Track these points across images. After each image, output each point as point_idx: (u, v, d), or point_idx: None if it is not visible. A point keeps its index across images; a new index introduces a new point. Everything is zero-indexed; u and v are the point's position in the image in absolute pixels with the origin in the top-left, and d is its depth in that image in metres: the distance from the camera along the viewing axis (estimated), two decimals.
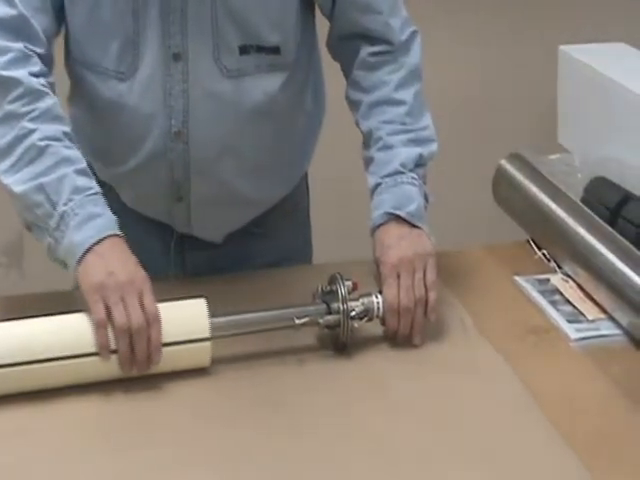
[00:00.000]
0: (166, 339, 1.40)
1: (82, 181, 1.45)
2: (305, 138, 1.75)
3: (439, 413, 1.37)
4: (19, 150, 1.45)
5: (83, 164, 1.47)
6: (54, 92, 1.51)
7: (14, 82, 1.47)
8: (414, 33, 1.66)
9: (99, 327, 1.38)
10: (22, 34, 1.49)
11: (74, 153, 1.47)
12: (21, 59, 1.48)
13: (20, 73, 1.47)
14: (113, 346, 1.38)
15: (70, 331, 1.40)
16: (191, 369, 1.44)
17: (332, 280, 1.51)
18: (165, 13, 1.52)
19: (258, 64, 1.56)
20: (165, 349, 1.40)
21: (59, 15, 1.55)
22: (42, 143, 1.44)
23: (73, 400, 1.39)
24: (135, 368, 1.39)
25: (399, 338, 1.51)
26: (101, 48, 1.55)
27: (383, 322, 1.52)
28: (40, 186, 1.43)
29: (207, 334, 1.42)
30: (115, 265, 1.40)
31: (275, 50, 1.56)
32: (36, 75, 1.49)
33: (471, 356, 1.50)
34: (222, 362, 1.46)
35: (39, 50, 1.51)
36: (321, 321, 1.48)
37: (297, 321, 1.47)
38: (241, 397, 1.40)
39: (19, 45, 1.49)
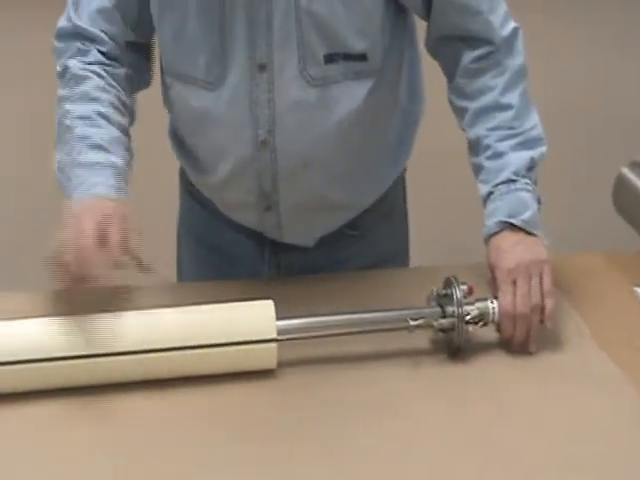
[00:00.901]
0: (231, 339, 1.41)
1: (89, 155, 1.48)
2: (400, 138, 1.73)
3: (552, 422, 1.35)
4: (60, 131, 1.55)
5: (97, 139, 1.50)
6: (117, 80, 1.59)
7: (65, 70, 1.59)
8: (516, 30, 1.62)
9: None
10: (80, 37, 1.59)
11: (94, 130, 1.52)
12: (77, 52, 1.59)
13: (71, 62, 1.59)
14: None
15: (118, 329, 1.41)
16: (258, 370, 1.43)
17: (447, 283, 1.50)
18: (251, 25, 1.53)
19: (344, 72, 1.55)
20: (230, 349, 1.41)
21: (139, 26, 1.61)
22: (71, 123, 1.53)
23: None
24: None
25: (514, 345, 1.49)
26: (189, 60, 1.57)
27: (498, 328, 1.50)
28: (61, 167, 1.51)
29: (273, 335, 1.42)
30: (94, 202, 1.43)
31: (361, 57, 1.55)
32: (90, 63, 1.58)
33: (587, 366, 1.47)
34: (330, 362, 1.46)
35: (100, 47, 1.59)
36: (435, 324, 1.47)
37: (411, 323, 1.46)
38: (354, 398, 1.40)
39: (76, 44, 1.60)
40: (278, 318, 1.43)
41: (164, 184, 1.95)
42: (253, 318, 1.43)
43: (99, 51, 1.60)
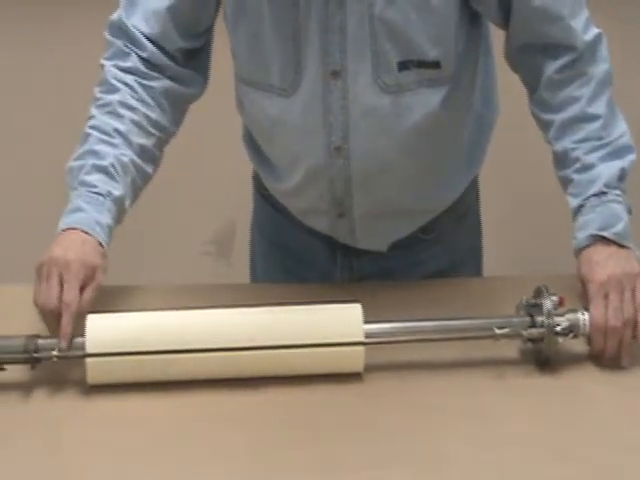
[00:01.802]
0: (318, 340, 1.39)
1: (93, 177, 1.50)
2: (474, 143, 1.71)
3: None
4: (84, 131, 1.56)
5: (106, 162, 1.51)
6: (151, 94, 1.57)
7: (104, 71, 1.59)
8: (599, 35, 1.57)
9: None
10: (125, 35, 1.59)
11: (106, 149, 1.52)
12: (117, 53, 1.59)
13: (108, 64, 1.59)
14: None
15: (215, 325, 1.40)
16: (344, 373, 1.41)
17: (537, 293, 1.46)
18: (325, 32, 1.52)
19: (418, 79, 1.54)
20: (317, 350, 1.38)
21: (188, 32, 1.60)
22: (89, 130, 1.54)
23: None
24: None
25: (605, 359, 1.45)
26: (264, 67, 1.56)
27: (588, 341, 1.46)
28: (70, 169, 1.53)
29: (361, 338, 1.40)
30: (69, 246, 1.43)
31: (435, 65, 1.53)
32: (124, 70, 1.57)
33: None
34: (416, 367, 1.43)
35: (141, 53, 1.58)
36: (524, 333, 1.43)
37: (498, 331, 1.43)
38: (440, 404, 1.37)
39: (120, 42, 1.59)
40: (369, 321, 1.41)
41: (239, 186, 1.94)
42: (341, 320, 1.41)
43: (139, 57, 1.58)
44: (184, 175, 2.54)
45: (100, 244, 1.46)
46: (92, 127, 1.54)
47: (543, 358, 1.44)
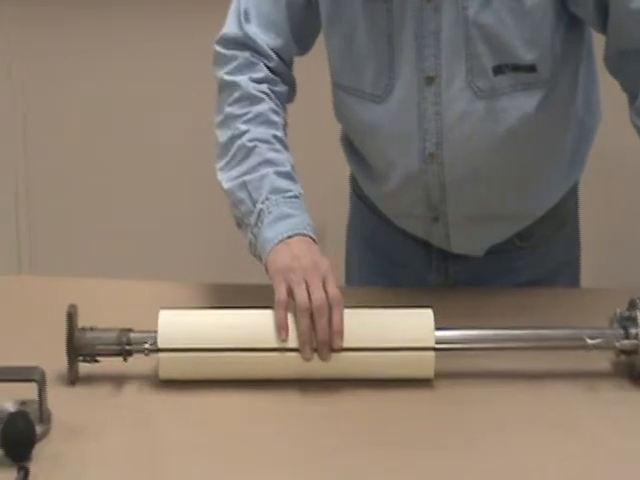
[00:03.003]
0: (388, 344, 1.38)
1: (281, 183, 1.50)
2: (574, 149, 1.68)
3: None
4: (232, 150, 1.54)
5: (286, 167, 1.52)
6: (280, 100, 1.60)
7: (235, 86, 1.57)
8: None
9: (279, 306, 1.38)
10: (249, 47, 1.59)
11: (279, 156, 1.53)
12: (245, 66, 1.59)
13: (241, 78, 1.58)
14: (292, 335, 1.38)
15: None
16: (414, 379, 1.40)
17: (632, 305, 1.43)
18: (419, 37, 1.51)
19: (513, 83, 1.52)
20: (386, 354, 1.38)
21: (301, 40, 1.62)
22: (251, 144, 1.53)
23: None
24: (316, 352, 1.37)
25: None
26: (358, 72, 1.57)
27: None
28: (244, 184, 1.51)
29: (431, 344, 1.39)
30: (300, 252, 1.42)
31: (531, 68, 1.52)
32: (258, 81, 1.57)
33: None
34: (497, 376, 1.42)
35: (267, 63, 1.59)
36: (617, 345, 1.40)
37: (589, 341, 1.40)
38: (521, 415, 1.35)
39: (245, 54, 1.59)
40: (440, 328, 1.40)
41: (331, 188, 1.95)
42: (412, 325, 1.41)
43: (266, 66, 1.60)
44: None
45: (315, 242, 1.47)
46: (253, 140, 1.54)
47: (636, 371, 1.41)
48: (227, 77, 1.59)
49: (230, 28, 1.61)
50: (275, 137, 1.55)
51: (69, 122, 2.80)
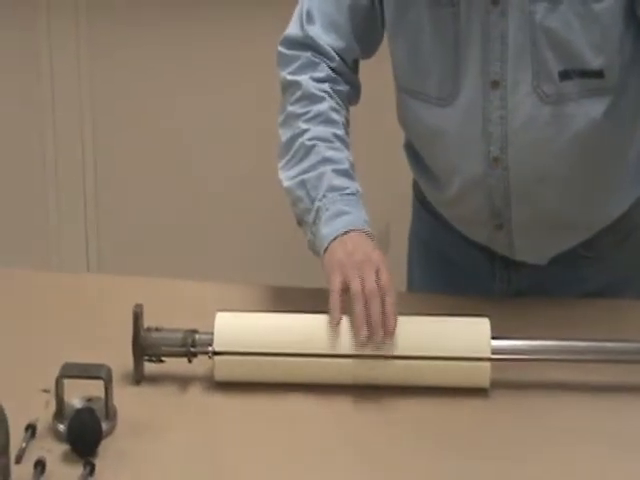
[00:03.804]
0: (443, 353, 1.39)
1: (339, 180, 1.52)
2: None
3: None
4: (293, 149, 1.56)
5: (344, 165, 1.54)
6: (342, 98, 1.61)
7: (296, 85, 1.59)
8: None
9: (333, 293, 1.40)
10: (310, 47, 1.60)
11: (338, 154, 1.54)
12: (307, 65, 1.60)
13: (302, 78, 1.59)
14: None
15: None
16: (470, 387, 1.40)
17: None
18: (485, 41, 1.51)
19: (579, 89, 1.51)
20: (442, 363, 1.38)
21: (364, 42, 1.63)
22: (310, 143, 1.55)
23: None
24: (370, 335, 1.37)
25: None
26: (422, 76, 1.57)
27: None
28: (302, 182, 1.53)
29: (487, 354, 1.39)
30: (355, 248, 1.45)
31: (598, 74, 1.51)
32: (320, 80, 1.59)
33: None
34: (557, 388, 1.41)
35: (329, 63, 1.60)
36: None
37: None
38: (581, 427, 1.35)
39: (307, 54, 1.61)
40: (497, 337, 1.40)
41: (394, 195, 1.95)
42: (468, 335, 1.41)
43: (328, 66, 1.61)
44: None
45: (371, 237, 1.49)
46: (312, 139, 1.55)
47: None
48: (289, 77, 1.61)
49: (292, 29, 1.63)
50: (335, 135, 1.57)
51: (137, 122, 2.83)
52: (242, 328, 1.42)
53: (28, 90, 2.83)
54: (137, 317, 1.40)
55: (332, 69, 1.61)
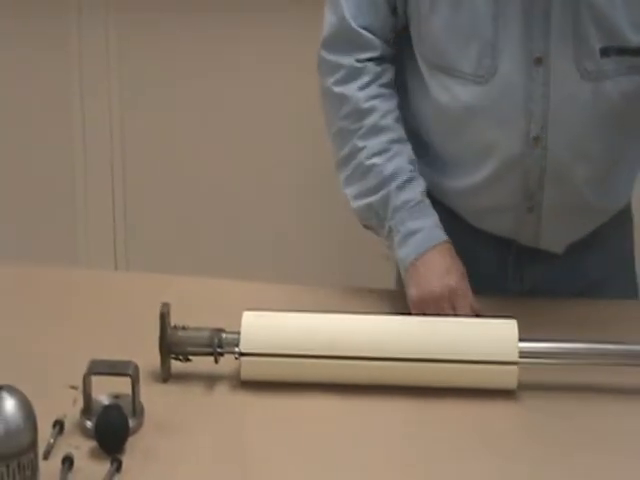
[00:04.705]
0: (471, 357, 1.39)
1: (403, 196, 1.57)
2: None
3: None
4: (351, 166, 1.60)
5: (404, 175, 1.57)
6: (389, 87, 1.61)
7: (344, 99, 1.60)
8: None
9: None
10: (352, 45, 1.59)
11: (396, 164, 1.58)
12: (351, 75, 1.60)
13: (349, 89, 1.59)
14: None
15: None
16: (496, 389, 1.40)
17: None
18: (527, 16, 1.50)
19: (617, 66, 1.51)
20: (469, 366, 1.39)
21: (399, 14, 1.59)
22: (369, 162, 1.58)
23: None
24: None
25: None
26: (459, 51, 1.55)
27: None
28: (369, 206, 1.59)
29: (515, 358, 1.38)
30: (430, 280, 1.52)
31: (637, 52, 1.51)
32: (366, 86, 1.59)
33: None
34: (582, 390, 1.41)
35: (372, 54, 1.59)
36: None
37: None
38: (608, 429, 1.35)
39: (349, 60, 1.60)
40: (523, 339, 1.40)
41: None
42: (495, 338, 1.41)
43: (371, 60, 1.59)
44: None
45: (444, 241, 1.55)
46: (370, 156, 1.59)
47: None
48: (335, 88, 1.60)
49: (327, 30, 1.61)
50: (390, 141, 1.59)
51: (167, 118, 2.83)
52: (268, 329, 1.42)
53: (57, 89, 2.84)
54: (164, 316, 1.40)
55: (376, 60, 1.60)
